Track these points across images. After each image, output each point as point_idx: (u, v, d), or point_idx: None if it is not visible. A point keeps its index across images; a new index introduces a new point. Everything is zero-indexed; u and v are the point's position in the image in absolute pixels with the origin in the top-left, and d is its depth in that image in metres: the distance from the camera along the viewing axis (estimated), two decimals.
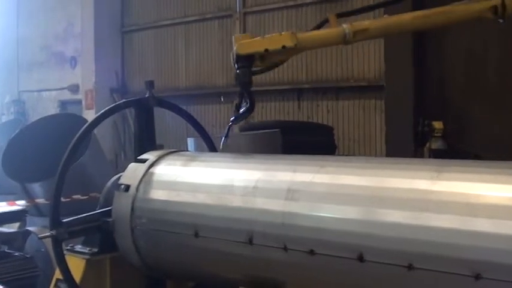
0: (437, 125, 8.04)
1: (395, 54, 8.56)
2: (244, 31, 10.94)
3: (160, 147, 4.11)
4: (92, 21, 12.94)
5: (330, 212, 2.87)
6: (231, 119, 4.06)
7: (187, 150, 5.55)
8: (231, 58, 3.97)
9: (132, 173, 3.83)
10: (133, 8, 13.03)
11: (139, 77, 12.85)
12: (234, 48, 3.93)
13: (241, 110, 3.95)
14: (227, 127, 4.10)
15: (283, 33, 4.03)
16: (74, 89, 13.88)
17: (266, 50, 3.92)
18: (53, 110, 14.15)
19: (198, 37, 11.43)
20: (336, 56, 9.77)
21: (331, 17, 4.18)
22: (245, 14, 11.04)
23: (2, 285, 4.54)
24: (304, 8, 10.08)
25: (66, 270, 3.80)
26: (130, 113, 12.25)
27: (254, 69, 3.98)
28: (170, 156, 3.88)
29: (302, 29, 4.23)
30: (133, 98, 4.45)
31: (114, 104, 4.44)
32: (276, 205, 3.06)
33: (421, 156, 7.88)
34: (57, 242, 3.78)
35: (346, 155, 8.96)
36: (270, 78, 10.66)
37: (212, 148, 4.53)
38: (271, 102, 10.67)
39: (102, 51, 12.89)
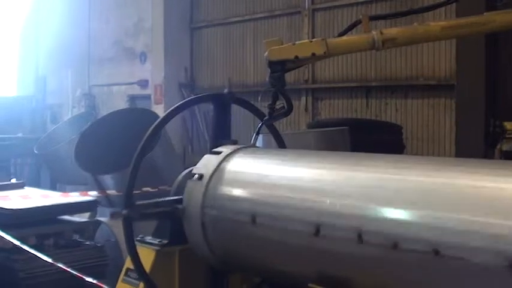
0: (509, 125, 7.83)
1: (467, 52, 8.40)
2: (313, 28, 10.92)
3: (234, 142, 4.16)
4: (162, 17, 13.12)
5: (404, 206, 2.85)
6: (265, 118, 4.14)
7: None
8: (265, 61, 4.03)
9: (206, 163, 3.89)
10: (202, 4, 13.16)
11: (208, 72, 12.99)
12: (265, 53, 3.98)
13: (278, 112, 4.08)
14: (259, 125, 4.18)
15: (313, 40, 4.05)
16: (143, 83, 14.09)
17: (296, 57, 3.95)
18: (122, 104, 14.41)
19: (266, 34, 11.45)
20: (405, 53, 9.65)
21: (364, 18, 4.17)
22: (314, 10, 11.01)
23: (75, 271, 4.68)
24: (374, 4, 9.99)
25: (134, 250, 3.88)
26: (198, 109, 12.41)
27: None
28: (244, 150, 3.93)
29: (373, 28, 4.20)
30: (212, 93, 4.57)
31: (196, 96, 4.57)
32: (346, 199, 3.07)
33: (492, 157, 7.72)
34: (128, 222, 3.87)
35: (415, 155, 8.85)
36: (338, 75, 10.62)
37: (282, 145, 4.56)
38: (339, 100, 10.62)
39: (171, 47, 13.06)
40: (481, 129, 8.14)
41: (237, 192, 3.68)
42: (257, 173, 3.68)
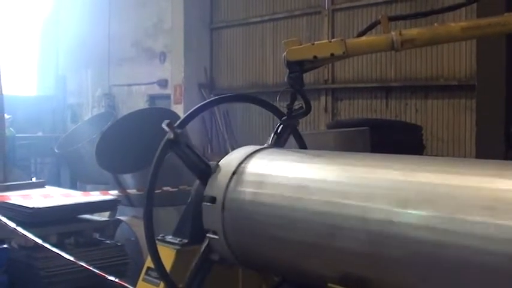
0: None
1: (488, 53, 8.35)
2: (333, 28, 10.92)
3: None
4: (182, 18, 13.17)
5: (424, 208, 2.85)
6: (283, 118, 4.14)
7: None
8: (283, 61, 4.04)
9: (226, 164, 3.90)
10: (222, 4, 13.20)
11: (228, 73, 13.01)
12: (284, 54, 3.99)
13: (297, 112, 4.09)
14: (277, 125, 4.19)
15: (332, 40, 4.05)
16: (163, 83, 14.16)
17: (315, 57, 3.96)
18: (142, 104, 14.50)
19: (286, 34, 11.46)
20: (425, 54, 9.62)
21: (383, 19, 4.15)
22: (334, 10, 11.01)
23: (95, 269, 4.70)
24: (394, 4, 9.97)
25: (154, 249, 3.85)
26: (218, 109, 12.44)
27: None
28: (264, 151, 3.93)
29: (394, 28, 4.18)
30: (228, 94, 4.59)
31: (219, 96, 4.60)
32: (367, 200, 3.07)
33: None
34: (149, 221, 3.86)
35: (435, 156, 8.82)
36: (358, 76, 10.60)
37: (302, 145, 4.55)
38: (359, 100, 10.61)
39: (191, 47, 13.10)
40: (501, 130, 8.10)
41: (257, 192, 3.68)
42: (277, 174, 3.67)
